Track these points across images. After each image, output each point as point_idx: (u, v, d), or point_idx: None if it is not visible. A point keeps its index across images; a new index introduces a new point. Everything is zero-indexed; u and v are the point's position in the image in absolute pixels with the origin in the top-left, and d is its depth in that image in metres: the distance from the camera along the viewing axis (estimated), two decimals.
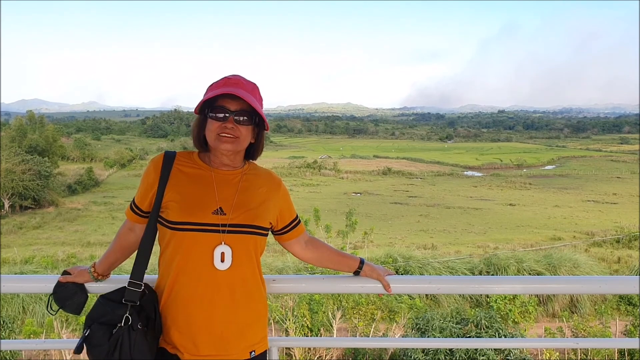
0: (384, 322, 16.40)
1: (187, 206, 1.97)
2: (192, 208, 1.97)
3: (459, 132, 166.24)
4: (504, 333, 11.80)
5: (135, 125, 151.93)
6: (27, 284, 2.30)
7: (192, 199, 1.98)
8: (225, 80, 2.00)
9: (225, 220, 1.97)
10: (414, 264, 21.56)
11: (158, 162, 2.06)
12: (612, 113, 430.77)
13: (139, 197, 2.08)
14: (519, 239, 34.69)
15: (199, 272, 1.95)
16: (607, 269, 24.61)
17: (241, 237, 1.99)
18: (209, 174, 2.04)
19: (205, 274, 1.95)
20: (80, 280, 2.18)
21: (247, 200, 2.04)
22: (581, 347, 2.21)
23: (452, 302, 18.88)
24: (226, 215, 1.98)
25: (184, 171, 2.05)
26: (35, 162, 50.04)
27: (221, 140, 1.96)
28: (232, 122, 1.95)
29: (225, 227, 1.96)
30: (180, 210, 1.96)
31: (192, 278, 1.96)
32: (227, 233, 1.96)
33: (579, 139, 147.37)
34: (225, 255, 1.95)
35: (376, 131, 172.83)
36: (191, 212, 1.96)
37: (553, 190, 62.22)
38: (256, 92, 2.04)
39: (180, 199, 1.98)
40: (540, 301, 19.20)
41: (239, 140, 1.98)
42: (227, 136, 1.96)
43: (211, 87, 2.01)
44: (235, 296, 1.99)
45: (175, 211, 1.97)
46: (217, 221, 1.96)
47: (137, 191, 2.10)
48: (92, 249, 31.10)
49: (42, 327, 14.84)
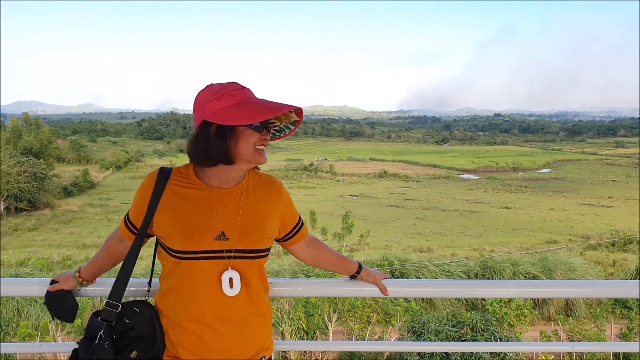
0: (380, 325, 16.41)
1: (188, 233, 1.88)
2: (192, 235, 1.88)
3: (455, 135, 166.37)
4: (500, 336, 11.80)
5: (131, 127, 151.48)
6: (24, 287, 2.28)
7: (191, 224, 1.89)
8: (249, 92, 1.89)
9: (229, 246, 1.89)
10: (410, 266, 21.57)
11: (152, 178, 1.98)
12: (607, 117, 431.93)
13: (133, 213, 2.00)
14: (515, 242, 34.80)
15: (207, 299, 1.90)
16: (603, 272, 24.70)
17: (245, 262, 1.93)
18: (207, 194, 1.94)
19: (213, 301, 1.90)
20: (67, 286, 2.14)
21: (250, 221, 1.95)
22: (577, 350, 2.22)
23: (447, 305, 18.90)
24: (229, 240, 1.90)
25: (180, 192, 1.94)
26: (31, 164, 49.94)
27: (260, 154, 1.89)
28: (267, 134, 1.91)
29: (231, 252, 1.89)
30: (181, 237, 1.88)
31: (201, 304, 1.90)
32: (232, 259, 1.90)
33: (575, 143, 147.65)
34: (234, 281, 1.90)
35: (372, 134, 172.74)
36: (192, 240, 1.87)
37: (549, 194, 62.40)
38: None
39: (179, 223, 1.89)
40: (536, 304, 19.24)
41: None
42: (263, 148, 1.90)
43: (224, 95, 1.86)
44: (245, 316, 1.95)
45: (176, 239, 1.88)
46: (221, 247, 1.89)
47: (132, 206, 2.02)
48: (87, 251, 31.06)
49: (37, 330, 14.81)
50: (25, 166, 49.04)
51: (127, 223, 2.02)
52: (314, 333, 15.14)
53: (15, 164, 48.69)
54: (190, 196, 1.93)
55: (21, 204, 47.18)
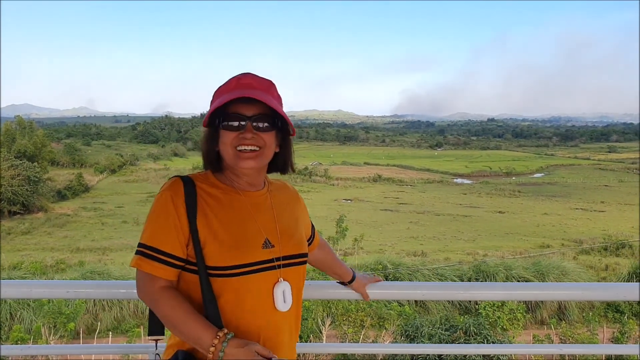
0: (374, 329, 16.42)
1: (233, 243, 1.62)
2: (239, 245, 1.62)
3: (448, 140, 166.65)
4: (492, 339, 11.88)
5: (126, 131, 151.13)
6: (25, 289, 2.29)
7: (234, 234, 1.63)
8: (235, 82, 1.66)
9: (277, 254, 1.68)
10: (404, 270, 21.63)
11: (178, 190, 1.64)
12: (600, 122, 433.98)
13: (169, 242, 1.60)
14: (508, 246, 34.90)
15: (259, 317, 1.64)
16: (595, 277, 24.80)
17: (295, 269, 1.73)
18: (241, 198, 1.70)
19: (266, 318, 1.65)
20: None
21: (287, 225, 1.76)
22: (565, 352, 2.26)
23: (441, 309, 18.95)
24: (275, 247, 1.68)
25: (213, 198, 1.67)
26: (25, 168, 49.77)
27: (241, 157, 1.62)
28: (251, 130, 1.62)
29: (280, 260, 1.68)
30: (225, 250, 1.60)
31: (252, 324, 1.63)
32: (282, 268, 1.68)
33: (568, 148, 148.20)
34: (286, 294, 1.67)
35: (367, 138, 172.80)
36: (240, 251, 1.61)
37: (542, 198, 62.60)
38: (273, 90, 1.70)
39: (221, 236, 1.61)
40: (529, 308, 19.30)
41: (262, 152, 1.65)
42: (248, 149, 1.62)
43: (219, 90, 1.68)
44: (294, 332, 1.76)
45: (218, 253, 1.60)
46: (270, 256, 1.66)
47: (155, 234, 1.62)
48: (81, 255, 30.98)
49: (29, 334, 14.76)
50: (19, 169, 48.88)
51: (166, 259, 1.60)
52: (308, 337, 15.14)
53: (9, 168, 48.55)
54: (224, 202, 1.68)
55: (15, 208, 47.00)
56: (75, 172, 66.12)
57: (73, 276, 19.92)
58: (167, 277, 1.60)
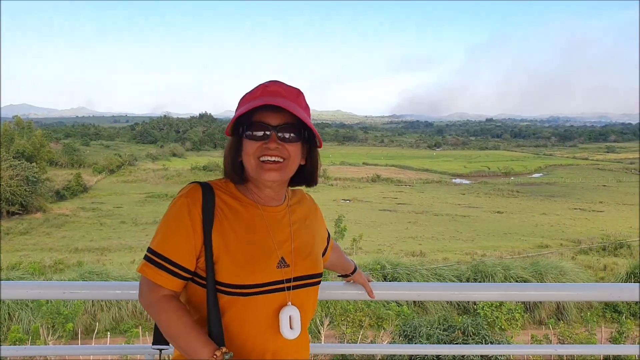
0: (372, 329, 16.44)
1: (247, 262, 1.54)
2: (253, 264, 1.54)
3: (447, 140, 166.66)
4: (491, 340, 11.89)
5: (124, 131, 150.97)
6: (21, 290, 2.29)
7: (250, 250, 1.56)
8: (262, 89, 1.59)
9: (290, 274, 1.59)
10: (402, 270, 21.62)
11: (196, 197, 1.57)
12: (598, 122, 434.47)
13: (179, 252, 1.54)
14: (506, 247, 34.88)
15: (265, 339, 1.56)
16: (594, 277, 24.81)
17: (307, 290, 1.64)
18: (257, 213, 1.62)
19: (272, 341, 1.57)
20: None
21: (304, 243, 1.68)
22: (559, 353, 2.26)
23: (439, 309, 18.96)
24: (289, 267, 1.60)
25: (230, 205, 1.60)
26: (23, 168, 49.63)
27: (264, 168, 1.55)
28: (276, 140, 1.54)
29: (290, 282, 1.59)
30: (238, 267, 1.53)
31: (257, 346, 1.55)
32: (292, 290, 1.59)
33: (566, 148, 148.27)
34: (294, 321, 1.57)
35: (365, 138, 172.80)
36: (253, 271, 1.54)
37: (540, 198, 62.59)
38: (301, 99, 1.62)
39: (235, 251, 1.54)
40: (527, 308, 19.32)
41: (286, 163, 1.57)
42: (271, 161, 1.54)
43: (245, 98, 1.61)
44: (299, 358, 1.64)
45: (230, 270, 1.52)
46: (282, 276, 1.58)
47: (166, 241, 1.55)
48: (79, 255, 30.92)
49: (27, 334, 14.76)
50: (17, 170, 48.76)
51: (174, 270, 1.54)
52: None
53: (7, 168, 48.41)
54: (242, 215, 1.60)
55: (13, 208, 46.85)
56: (73, 173, 65.99)
57: (71, 276, 19.90)
58: (171, 287, 1.54)
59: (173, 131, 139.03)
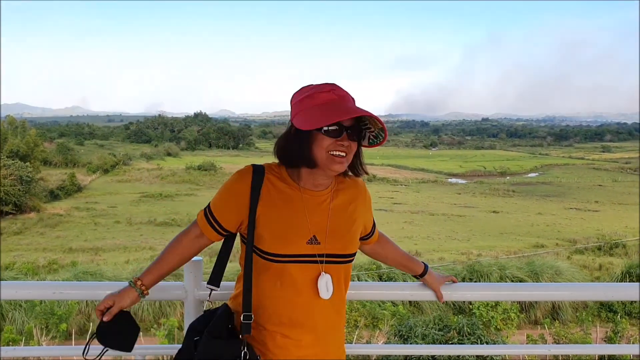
0: (367, 329, 16.43)
1: (280, 235, 1.85)
2: (285, 238, 1.85)
3: (443, 140, 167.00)
4: (486, 340, 11.87)
5: (118, 130, 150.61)
6: (11, 291, 2.26)
7: (284, 226, 1.86)
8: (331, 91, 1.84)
9: (321, 250, 1.87)
10: (398, 270, 21.59)
11: (247, 174, 1.91)
12: (594, 122, 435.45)
13: (225, 215, 1.92)
14: (502, 246, 34.96)
15: (302, 302, 1.87)
16: (589, 276, 24.88)
17: (336, 267, 1.91)
18: (299, 195, 1.91)
19: (309, 304, 1.87)
20: (127, 303, 1.91)
21: (339, 226, 1.94)
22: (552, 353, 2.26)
23: (435, 309, 18.95)
24: (320, 244, 1.88)
25: (277, 186, 1.90)
26: (17, 167, 49.49)
27: (335, 161, 1.81)
28: (346, 139, 1.81)
29: (323, 257, 1.87)
30: (274, 240, 1.85)
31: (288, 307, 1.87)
32: (324, 263, 1.87)
33: (562, 147, 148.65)
34: (328, 284, 1.87)
35: None
36: (285, 243, 1.85)
37: (536, 198, 62.80)
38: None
39: (273, 225, 1.86)
40: (523, 308, 19.34)
41: (348, 157, 1.85)
42: (341, 155, 1.81)
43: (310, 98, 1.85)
44: (330, 324, 1.94)
45: (268, 241, 1.85)
46: (313, 251, 1.87)
47: (219, 205, 1.93)
48: (73, 255, 30.85)
49: (21, 335, 14.68)
50: (11, 169, 48.61)
51: (211, 220, 1.93)
52: None
53: (1, 167, 48.27)
54: (285, 196, 1.90)
55: (7, 208, 46.67)
56: (67, 172, 65.80)
57: (65, 277, 19.80)
58: (209, 236, 1.94)
59: (168, 130, 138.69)
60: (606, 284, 2.50)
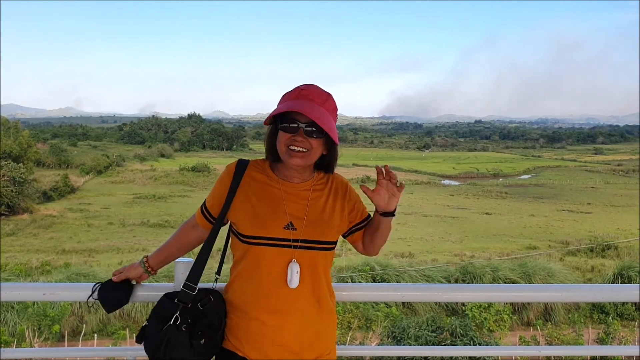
0: (361, 331, 16.43)
1: (259, 219, 1.98)
2: (263, 221, 1.98)
3: (436, 142, 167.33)
4: (479, 341, 11.91)
5: (112, 131, 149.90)
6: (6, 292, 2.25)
7: (262, 212, 1.99)
8: (298, 91, 1.99)
9: (297, 236, 1.98)
10: (391, 272, 21.61)
11: (231, 168, 2.09)
12: (586, 124, 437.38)
13: (211, 202, 2.10)
14: (495, 248, 35.02)
15: (271, 287, 1.96)
16: (581, 278, 24.95)
17: (311, 253, 1.99)
18: (278, 186, 2.05)
19: (277, 290, 1.96)
20: (133, 275, 2.17)
21: (317, 215, 2.05)
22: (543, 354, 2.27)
23: (428, 310, 18.97)
24: (297, 230, 1.99)
25: (255, 182, 2.06)
26: (10, 168, 49.22)
27: (290, 155, 1.95)
28: (302, 135, 1.94)
29: (297, 242, 1.97)
30: (252, 223, 1.98)
31: (265, 294, 1.97)
32: (298, 249, 1.97)
33: (554, 149, 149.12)
34: (296, 273, 1.95)
35: (355, 140, 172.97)
36: (262, 226, 1.97)
37: (528, 200, 62.91)
38: (330, 102, 2.04)
39: (251, 211, 2.00)
40: (515, 309, 19.38)
41: (309, 153, 1.97)
42: (297, 150, 1.94)
43: (284, 97, 2.02)
44: (305, 311, 1.99)
45: (247, 224, 1.99)
46: (289, 236, 1.97)
47: (209, 195, 2.12)
48: (67, 257, 30.67)
49: (13, 337, 14.60)
50: (3, 170, 48.33)
51: (204, 211, 2.11)
52: None
53: None
54: (264, 185, 2.05)
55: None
56: (61, 173, 65.52)
57: (58, 278, 19.70)
58: (201, 224, 2.12)
59: (161, 131, 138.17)
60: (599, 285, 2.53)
